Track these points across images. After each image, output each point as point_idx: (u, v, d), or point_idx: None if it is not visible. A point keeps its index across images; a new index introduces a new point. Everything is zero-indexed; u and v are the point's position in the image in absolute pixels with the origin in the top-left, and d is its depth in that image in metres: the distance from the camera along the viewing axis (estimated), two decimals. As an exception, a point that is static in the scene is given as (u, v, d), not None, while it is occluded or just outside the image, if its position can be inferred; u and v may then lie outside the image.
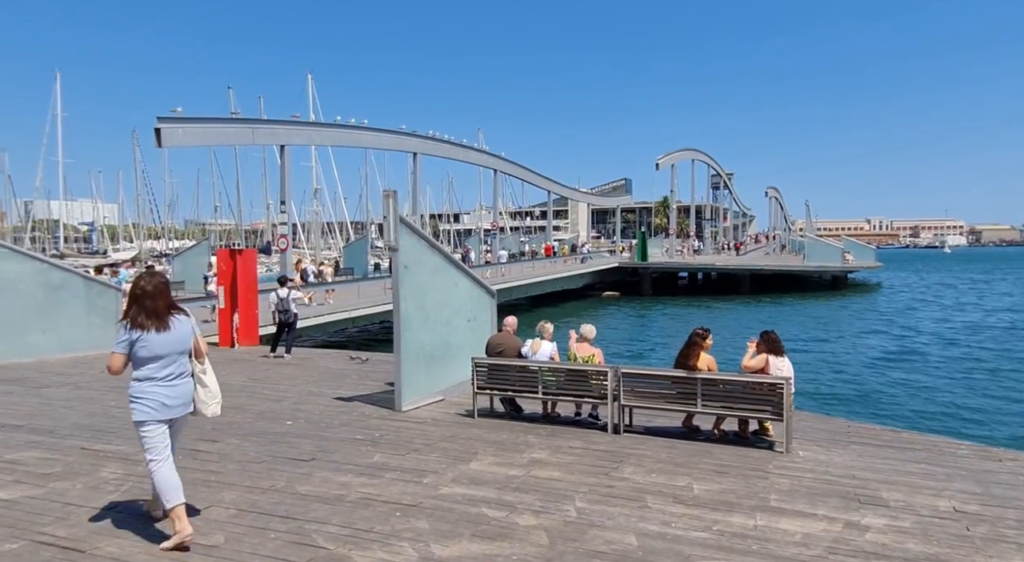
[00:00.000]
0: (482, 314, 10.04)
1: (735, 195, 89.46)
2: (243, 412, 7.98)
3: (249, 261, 15.36)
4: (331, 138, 28.64)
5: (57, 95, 54.41)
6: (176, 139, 21.15)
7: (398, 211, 8.05)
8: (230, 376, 10.70)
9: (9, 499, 4.84)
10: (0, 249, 12.46)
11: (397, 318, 8.10)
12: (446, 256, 9.16)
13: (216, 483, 5.24)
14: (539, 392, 7.41)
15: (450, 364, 9.17)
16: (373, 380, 10.38)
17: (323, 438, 6.73)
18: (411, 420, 7.61)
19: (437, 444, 6.52)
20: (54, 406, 8.31)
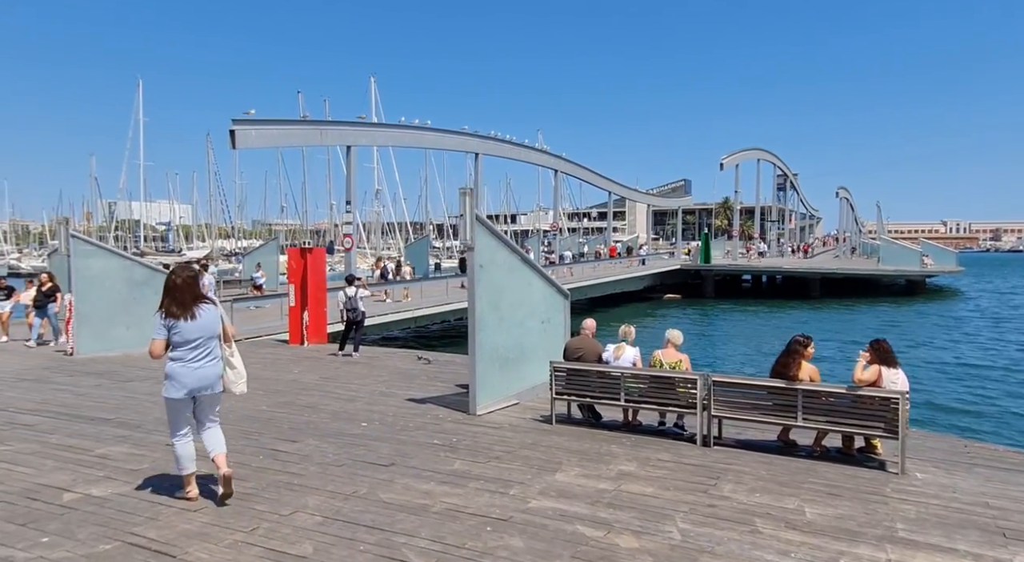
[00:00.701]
0: (556, 316, 9.73)
1: (802, 196, 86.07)
2: (318, 412, 7.92)
3: (319, 260, 15.55)
4: (395, 138, 28.90)
5: (139, 101, 57.25)
6: (249, 140, 21.71)
7: (475, 209, 7.84)
8: (302, 374, 10.77)
9: (101, 496, 4.84)
10: (89, 247, 12.94)
11: (472, 319, 7.89)
12: (520, 255, 8.90)
13: (299, 487, 5.12)
14: (621, 399, 7.04)
15: (524, 367, 8.91)
16: (442, 381, 10.23)
17: (400, 442, 6.56)
18: (487, 425, 7.37)
19: (518, 452, 6.24)
20: (139, 400, 8.48)
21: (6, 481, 5.16)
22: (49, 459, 5.78)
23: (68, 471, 5.44)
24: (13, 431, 6.76)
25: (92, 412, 7.73)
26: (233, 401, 8.40)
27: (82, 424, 7.12)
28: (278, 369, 11.30)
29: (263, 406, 8.22)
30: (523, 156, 39.06)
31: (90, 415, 7.56)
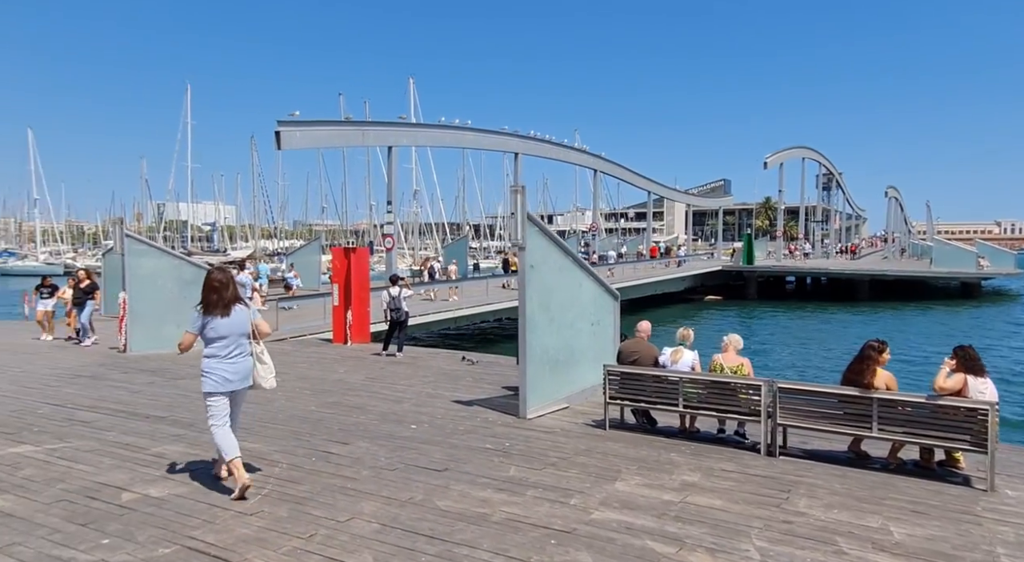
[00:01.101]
0: (605, 317, 9.49)
1: (848, 195, 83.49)
2: (366, 413, 7.84)
3: (362, 259, 15.58)
4: (435, 138, 28.97)
5: (187, 105, 58.86)
6: (294, 141, 22.00)
7: (526, 208, 7.65)
8: (348, 374, 10.75)
9: (159, 497, 4.81)
10: (142, 246, 13.21)
11: (522, 320, 7.70)
12: (572, 255, 8.68)
13: (354, 491, 5.00)
14: (679, 405, 6.76)
15: (573, 370, 8.69)
16: (488, 383, 10.08)
17: (451, 446, 6.41)
18: (538, 429, 7.18)
19: (573, 458, 6.02)
20: (191, 398, 8.54)
21: (67, 479, 5.18)
22: (107, 457, 5.81)
23: (126, 470, 5.45)
24: (72, 428, 6.85)
25: (147, 409, 7.81)
26: (282, 401, 8.41)
27: (137, 422, 7.18)
28: (324, 368, 11.31)
29: (312, 406, 8.18)
30: (562, 156, 38.81)
31: (145, 413, 7.63)
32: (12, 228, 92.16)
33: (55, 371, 10.45)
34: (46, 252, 73.52)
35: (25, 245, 79.61)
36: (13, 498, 4.72)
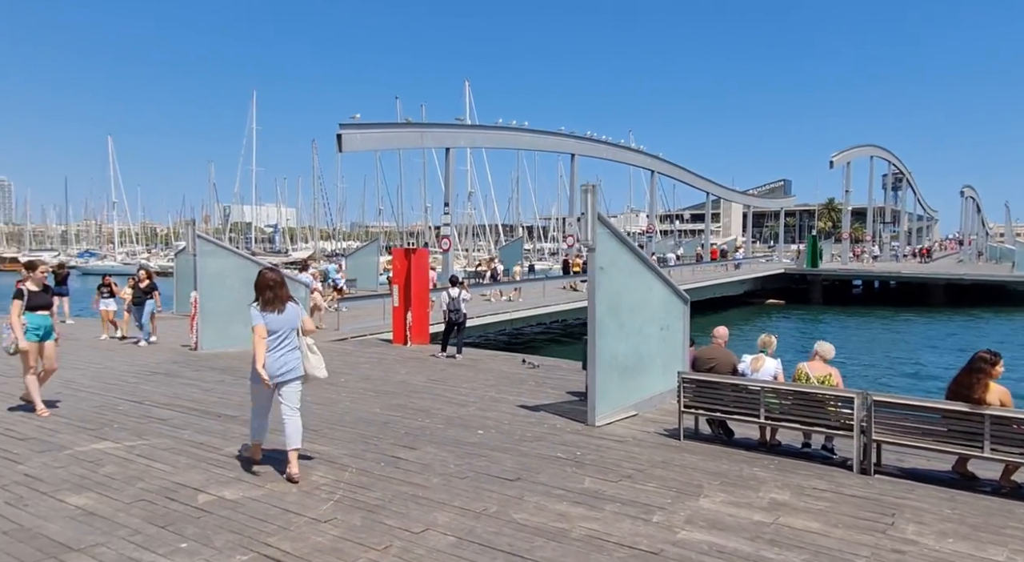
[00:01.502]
0: (675, 322, 9.12)
1: (919, 196, 79.29)
2: (431, 416, 7.74)
3: (422, 260, 15.61)
4: (493, 140, 28.96)
5: (253, 110, 60.94)
6: (355, 144, 22.35)
7: (597, 207, 7.40)
8: (410, 375, 10.71)
9: (234, 500, 4.79)
10: (211, 246, 13.58)
11: (592, 324, 7.44)
12: (641, 257, 8.36)
13: (426, 500, 4.86)
14: (760, 416, 6.37)
15: (642, 377, 8.38)
16: (552, 387, 9.85)
17: (521, 453, 6.21)
18: (609, 437, 6.90)
19: (650, 470, 5.73)
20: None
21: (145, 477, 5.24)
22: (183, 456, 5.87)
23: (201, 470, 5.47)
24: (149, 425, 6.99)
25: (218, 408, 7.93)
26: (347, 402, 8.41)
27: (210, 421, 7.27)
28: (386, 369, 11.32)
29: (376, 409, 8.14)
30: (619, 156, 38.24)
31: (217, 411, 7.74)
32: (92, 229, 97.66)
33: (132, 368, 10.81)
34: (123, 252, 77.51)
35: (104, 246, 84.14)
36: (96, 496, 4.79)
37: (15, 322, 6.98)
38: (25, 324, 7.08)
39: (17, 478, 5.14)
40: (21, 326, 7.01)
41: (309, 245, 75.68)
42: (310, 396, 8.74)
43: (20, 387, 8.81)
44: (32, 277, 7.29)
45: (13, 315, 7.00)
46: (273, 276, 5.47)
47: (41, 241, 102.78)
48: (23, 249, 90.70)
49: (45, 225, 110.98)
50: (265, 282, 5.39)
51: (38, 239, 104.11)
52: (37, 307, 7.18)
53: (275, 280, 5.42)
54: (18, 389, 8.69)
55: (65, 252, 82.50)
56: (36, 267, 7.51)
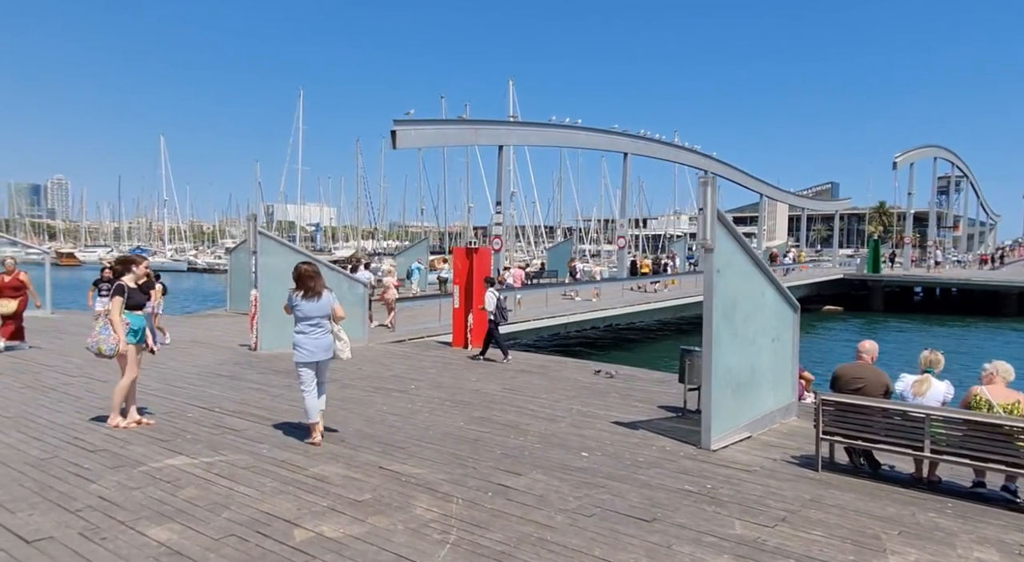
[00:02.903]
0: (785, 332, 8.20)
1: (982, 199, 75.57)
2: (523, 433, 7.00)
3: (484, 260, 14.93)
4: (546, 138, 28.19)
5: (300, 110, 61.42)
6: (409, 140, 21.86)
7: (716, 204, 6.55)
8: (481, 383, 10.01)
9: (335, 539, 4.10)
10: (271, 243, 13.13)
11: (708, 333, 6.60)
12: (755, 259, 7.47)
13: (558, 547, 4.10)
14: (924, 448, 5.43)
15: (753, 393, 7.48)
16: (639, 400, 9.03)
17: (642, 484, 5.41)
18: (733, 465, 6.04)
19: (803, 512, 4.86)
20: (332, 405, 7.99)
21: (231, 505, 4.61)
22: (266, 476, 5.24)
23: (290, 496, 4.83)
24: (223, 437, 6.41)
25: (291, 416, 7.33)
26: (425, 413, 7.73)
27: (287, 433, 6.67)
28: (454, 375, 10.65)
29: (459, 422, 7.44)
30: (672, 156, 37.04)
31: (291, 421, 7.14)
32: (143, 226, 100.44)
33: (195, 369, 10.37)
34: (172, 249, 79.32)
35: (155, 243, 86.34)
36: (180, 528, 4.17)
37: (117, 321, 6.37)
38: (128, 324, 6.51)
39: (92, 501, 4.57)
40: (124, 326, 6.43)
41: (350, 244, 76.14)
42: (386, 406, 8.12)
43: (89, 390, 8.41)
44: (134, 274, 6.66)
45: (115, 313, 6.37)
46: (311, 269, 6.24)
47: (95, 237, 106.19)
48: (79, 245, 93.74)
49: (99, 222, 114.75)
50: (305, 273, 6.14)
51: (92, 235, 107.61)
52: (134, 306, 6.60)
53: (314, 272, 6.23)
54: (88, 393, 8.29)
55: (118, 248, 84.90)
56: (138, 263, 6.87)
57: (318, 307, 6.11)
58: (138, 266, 6.82)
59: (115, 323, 6.36)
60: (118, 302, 6.39)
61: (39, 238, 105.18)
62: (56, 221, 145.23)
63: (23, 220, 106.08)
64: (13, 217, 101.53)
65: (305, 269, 6.17)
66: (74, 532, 4.06)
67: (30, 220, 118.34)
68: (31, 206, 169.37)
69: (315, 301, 6.09)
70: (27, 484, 4.86)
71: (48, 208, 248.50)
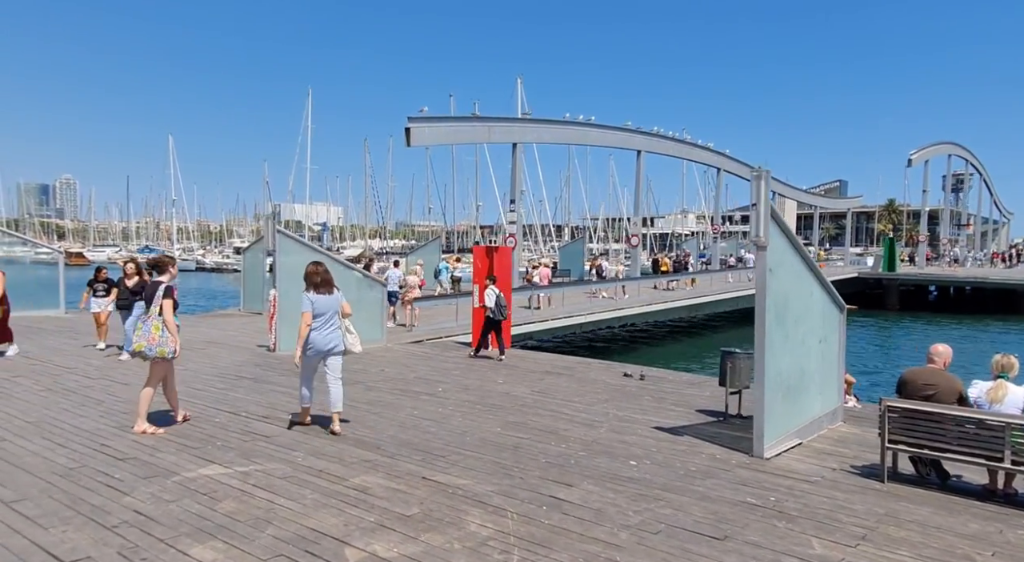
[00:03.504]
0: (832, 334, 7.89)
1: (996, 197, 74.76)
2: (564, 440, 6.70)
3: (505, 259, 14.64)
4: (560, 135, 27.89)
5: (308, 108, 61.15)
6: (423, 137, 21.59)
7: (769, 199, 6.23)
8: (509, 385, 9.72)
9: (390, 560, 3.81)
10: (291, 242, 12.86)
11: (760, 335, 6.29)
12: (805, 257, 7.15)
13: (632, 567, 3.80)
14: (1004, 459, 5.10)
15: (803, 398, 7.17)
16: (674, 404, 8.72)
17: (701, 496, 5.10)
18: (792, 475, 5.73)
19: (882, 529, 4.55)
20: (359, 410, 7.76)
21: (273, 519, 4.33)
22: (306, 488, 4.96)
23: (333, 510, 4.54)
24: (255, 443, 6.14)
25: (320, 423, 7.05)
26: (458, 418, 7.45)
27: (319, 439, 6.39)
28: (480, 377, 10.37)
29: (496, 427, 7.15)
30: (685, 153, 36.65)
31: (320, 426, 6.86)
32: (151, 226, 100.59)
33: (215, 370, 10.13)
34: (179, 248, 79.33)
35: (163, 242, 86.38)
36: (224, 546, 3.89)
37: (172, 323, 6.35)
38: (179, 326, 6.53)
39: (127, 516, 4.29)
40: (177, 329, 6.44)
41: (357, 243, 75.93)
42: (416, 410, 7.84)
43: (110, 393, 8.16)
44: (171, 274, 6.56)
45: (169, 315, 6.30)
46: (322, 268, 6.67)
47: (104, 237, 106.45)
48: (87, 244, 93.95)
49: (108, 221, 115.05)
50: (317, 272, 6.57)
51: (101, 235, 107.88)
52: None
53: (325, 270, 6.67)
54: (109, 396, 8.04)
55: (126, 248, 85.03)
56: (173, 263, 6.79)
57: (329, 302, 6.56)
58: (173, 266, 6.70)
59: (170, 325, 6.32)
60: (170, 304, 6.35)
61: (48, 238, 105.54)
62: (65, 221, 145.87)
63: (32, 220, 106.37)
64: (22, 217, 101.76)
65: (315, 269, 6.60)
66: (112, 551, 3.79)
67: (39, 220, 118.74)
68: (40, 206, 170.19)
69: (327, 296, 6.54)
70: (57, 496, 4.60)
71: (56, 208, 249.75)
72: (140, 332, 6.17)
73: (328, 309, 6.53)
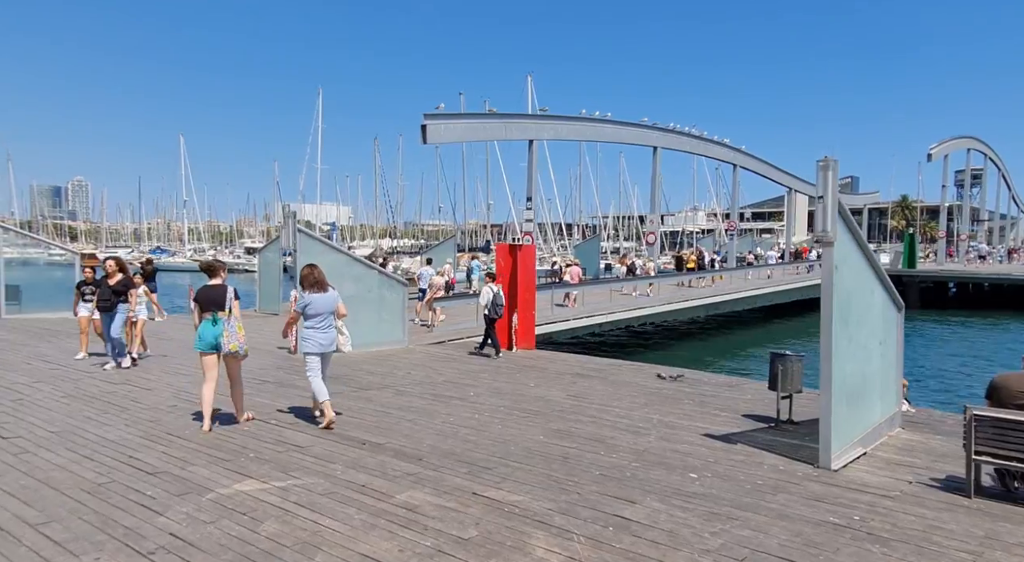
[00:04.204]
0: (890, 335, 7.49)
1: (1014, 192, 73.52)
2: (613, 449, 6.31)
3: (529, 257, 14.28)
4: (576, 132, 27.46)
5: (319, 107, 60.87)
6: (440, 135, 21.22)
7: (836, 188, 5.81)
8: (541, 389, 9.35)
9: (462, 593, 3.44)
10: (313, 242, 12.54)
11: (826, 338, 5.88)
12: (868, 254, 6.72)
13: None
14: (1108, 474, 4.67)
15: (864, 403, 6.76)
16: (717, 408, 8.33)
17: (778, 515, 4.70)
18: (868, 489, 5.32)
19: (991, 555, 4.13)
20: (393, 416, 7.41)
21: (322, 545, 3.95)
22: (350, 506, 4.60)
23: (384, 531, 4.18)
24: (290, 455, 5.79)
25: (356, 431, 6.71)
26: (499, 427, 7.07)
27: (356, 450, 6.03)
28: (510, 380, 10.00)
29: (539, 436, 6.77)
30: (701, 149, 36.11)
31: (356, 436, 6.52)
32: (162, 227, 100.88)
33: (239, 375, 9.78)
34: (191, 249, 79.44)
35: (174, 243, 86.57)
36: (272, 578, 3.53)
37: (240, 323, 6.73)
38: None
39: (164, 540, 3.94)
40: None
41: (366, 242, 75.73)
42: (452, 417, 7.47)
43: (134, 400, 7.85)
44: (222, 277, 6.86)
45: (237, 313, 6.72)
46: (317, 271, 7.00)
47: (116, 238, 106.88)
48: (100, 246, 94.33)
49: (120, 223, 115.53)
50: (313, 274, 6.93)
51: (113, 236, 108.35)
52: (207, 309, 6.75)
53: (320, 272, 7.01)
54: (133, 402, 7.73)
55: (138, 248, 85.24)
56: (225, 267, 7.07)
57: (326, 303, 6.85)
58: (224, 270, 6.96)
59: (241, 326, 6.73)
60: (238, 304, 6.79)
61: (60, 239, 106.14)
62: (77, 222, 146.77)
63: (45, 221, 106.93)
64: (35, 218, 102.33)
65: (308, 271, 6.96)
66: (150, 583, 3.44)
67: (51, 222, 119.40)
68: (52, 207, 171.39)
69: (322, 295, 6.84)
70: (87, 517, 4.25)
71: (69, 209, 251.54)
72: (228, 334, 6.54)
73: (324, 309, 6.84)
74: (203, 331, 6.53)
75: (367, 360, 11.58)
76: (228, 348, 6.51)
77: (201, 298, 6.60)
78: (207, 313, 6.55)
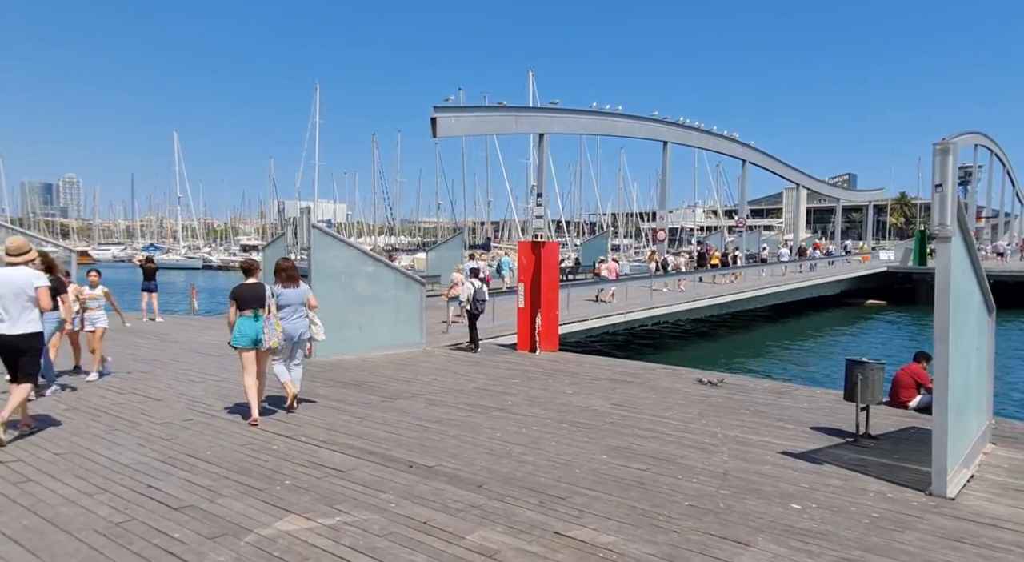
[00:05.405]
0: (983, 340, 6.82)
1: (1018, 188, 73.23)
2: (691, 472, 5.59)
3: (552, 255, 13.54)
4: (587, 126, 26.72)
5: (316, 104, 59.96)
6: (449, 128, 20.45)
7: (956, 176, 5.11)
8: (580, 396, 8.64)
9: None
10: (328, 239, 11.76)
11: (943, 347, 5.19)
12: (972, 251, 6.02)
13: None
14: None
15: (965, 418, 6.05)
16: (779, 418, 7.66)
17: (920, 560, 3.98)
18: (1005, 524, 4.62)
19: None
20: (433, 431, 6.68)
21: (399, 610, 3.22)
22: (418, 553, 3.85)
23: (469, 588, 3.45)
24: (330, 482, 5.04)
25: (397, 450, 5.96)
26: (553, 444, 6.33)
27: (404, 474, 5.29)
28: (544, 387, 9.28)
29: (600, 454, 6.05)
30: (711, 144, 35.48)
31: (400, 456, 5.77)
32: (155, 224, 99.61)
33: (254, 383, 9.02)
34: (185, 247, 78.33)
35: (167, 240, 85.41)
36: (348, 663, 2.79)
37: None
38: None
39: (202, 606, 3.20)
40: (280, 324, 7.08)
41: (363, 240, 74.83)
42: (498, 432, 6.73)
43: (144, 413, 7.06)
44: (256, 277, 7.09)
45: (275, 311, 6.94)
46: (289, 263, 7.30)
47: (108, 235, 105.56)
48: (92, 243, 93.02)
49: (112, 220, 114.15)
50: (286, 266, 7.22)
51: (105, 233, 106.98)
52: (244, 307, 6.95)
53: (292, 265, 7.30)
54: (143, 416, 6.94)
55: (131, 246, 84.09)
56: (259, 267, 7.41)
57: (296, 295, 7.19)
58: (259, 270, 7.11)
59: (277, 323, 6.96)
60: (274, 303, 6.99)
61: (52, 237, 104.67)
62: (69, 219, 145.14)
63: (36, 219, 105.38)
64: (26, 215, 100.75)
65: (284, 263, 7.26)
66: None
67: (43, 219, 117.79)
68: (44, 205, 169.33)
69: (293, 289, 7.16)
70: (105, 572, 3.51)
71: (60, 207, 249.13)
72: (268, 331, 6.73)
73: (294, 301, 7.18)
74: (245, 327, 6.72)
75: (387, 364, 10.85)
76: (269, 344, 6.76)
77: (244, 295, 6.78)
78: (247, 310, 6.75)
